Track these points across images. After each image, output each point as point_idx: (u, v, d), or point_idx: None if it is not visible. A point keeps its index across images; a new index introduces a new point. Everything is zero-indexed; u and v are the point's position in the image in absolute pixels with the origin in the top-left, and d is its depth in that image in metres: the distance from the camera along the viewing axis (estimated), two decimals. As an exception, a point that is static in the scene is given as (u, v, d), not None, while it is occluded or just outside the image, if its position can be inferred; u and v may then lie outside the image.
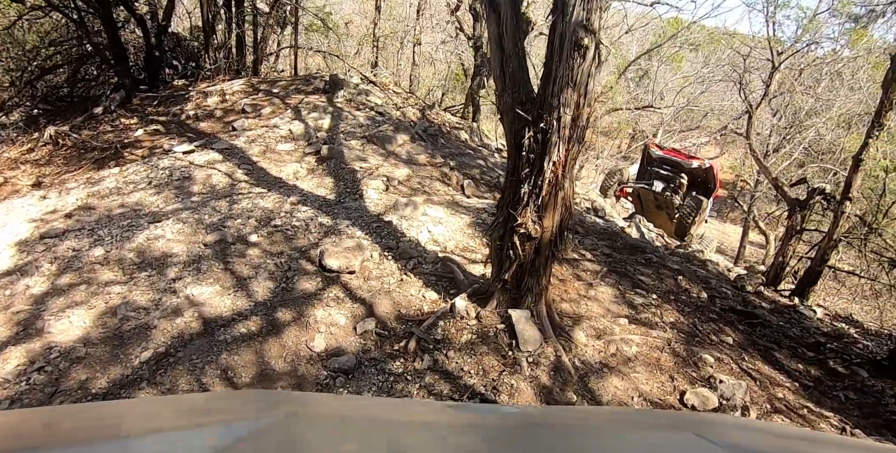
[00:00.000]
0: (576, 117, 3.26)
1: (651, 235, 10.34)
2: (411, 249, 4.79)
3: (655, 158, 10.30)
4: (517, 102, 3.43)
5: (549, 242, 3.56)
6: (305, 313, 4.00)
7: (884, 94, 7.81)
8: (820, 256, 8.62)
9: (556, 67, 3.21)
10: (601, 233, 7.08)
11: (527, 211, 3.47)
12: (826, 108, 15.40)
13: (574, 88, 3.19)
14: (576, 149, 3.38)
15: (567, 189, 3.47)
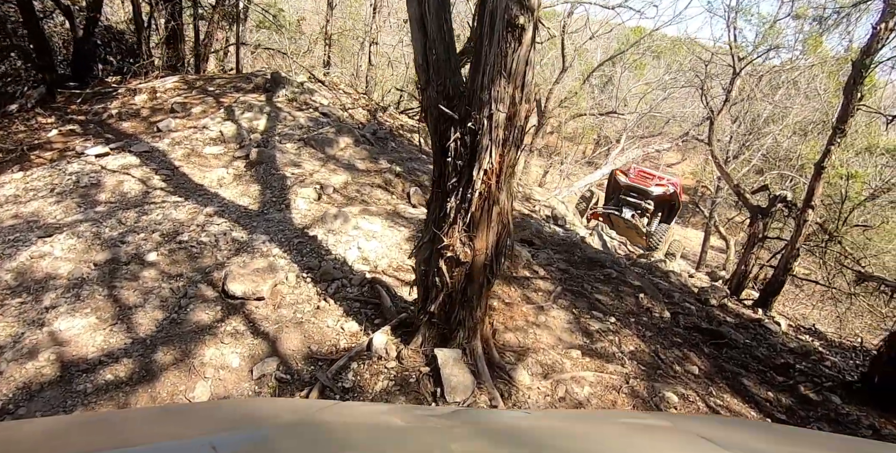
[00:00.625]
0: (512, 115, 2.56)
1: (613, 243, 9.79)
2: (335, 269, 4.02)
3: (622, 186, 10.57)
4: (442, 97, 2.72)
5: (482, 267, 2.85)
6: (192, 352, 3.20)
7: (846, 100, 7.38)
8: (783, 265, 8.17)
9: (485, 53, 2.50)
10: (559, 244, 6.44)
11: (454, 230, 2.75)
12: (783, 116, 15.21)
13: (508, 79, 2.49)
14: (513, 155, 2.68)
15: (503, 203, 2.77)
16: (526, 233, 6.47)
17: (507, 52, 2.44)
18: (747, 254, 9.05)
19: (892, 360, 4.26)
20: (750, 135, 15.27)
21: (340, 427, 0.95)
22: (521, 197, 8.95)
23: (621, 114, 18.02)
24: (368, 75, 11.16)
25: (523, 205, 8.12)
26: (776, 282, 8.23)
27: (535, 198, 9.36)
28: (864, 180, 10.50)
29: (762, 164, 16.15)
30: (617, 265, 6.55)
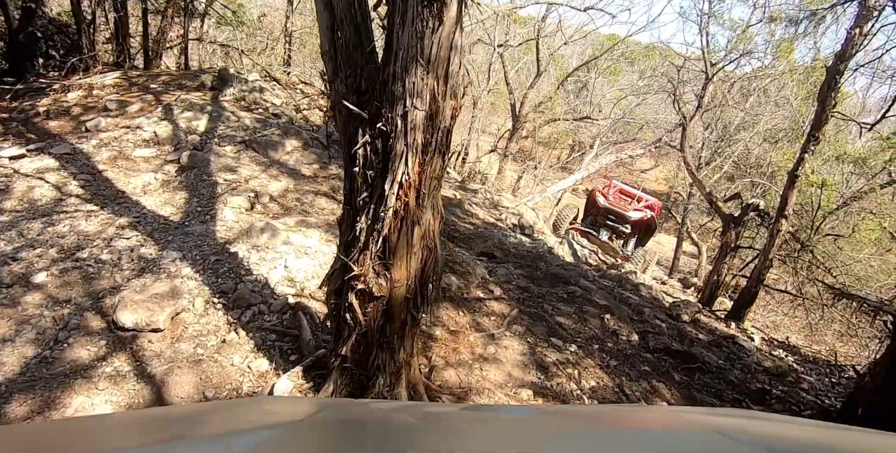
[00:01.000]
0: (433, 113, 1.99)
1: (584, 252, 9.31)
2: (253, 293, 3.40)
3: (602, 208, 10.42)
4: (352, 91, 2.14)
5: (404, 302, 2.28)
6: (55, 402, 2.56)
7: (820, 107, 7.01)
8: (756, 276, 7.76)
9: (397, 34, 1.93)
10: (523, 257, 5.90)
11: (366, 257, 2.17)
12: (754, 123, 14.98)
13: (427, 67, 1.92)
14: (437, 164, 2.11)
15: (428, 223, 2.19)
16: (487, 245, 5.92)
17: (423, 32, 1.87)
18: (719, 263, 8.64)
19: (878, 389, 3.80)
20: (721, 141, 15.00)
21: (355, 425, 0.94)
22: (489, 204, 8.41)
23: (595, 120, 17.68)
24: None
25: (489, 214, 7.58)
26: (749, 293, 7.82)
27: (504, 206, 8.83)
28: (834, 188, 10.23)
29: (733, 171, 15.91)
30: (585, 278, 6.04)
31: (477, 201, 8.02)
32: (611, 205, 10.50)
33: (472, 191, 8.53)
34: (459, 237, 6.00)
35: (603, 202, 10.56)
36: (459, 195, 7.44)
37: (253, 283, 3.51)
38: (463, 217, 6.71)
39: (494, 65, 20.54)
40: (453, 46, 1.94)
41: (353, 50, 2.13)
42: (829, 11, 5.90)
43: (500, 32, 17.19)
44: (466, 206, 7.14)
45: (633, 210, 10.57)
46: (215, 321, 3.21)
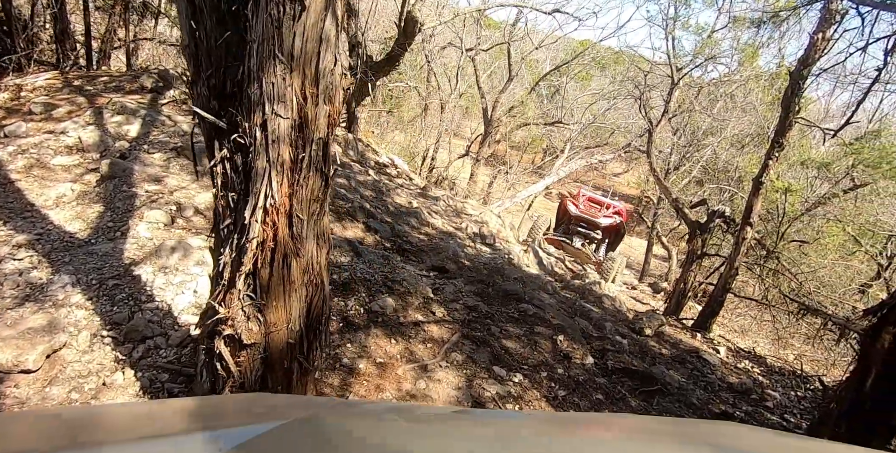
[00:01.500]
0: (302, 121, 1.58)
1: (550, 260, 8.97)
2: (150, 324, 2.94)
3: (573, 216, 10.77)
4: (214, 96, 1.71)
5: (286, 349, 1.85)
6: None
7: (784, 113, 6.78)
8: (721, 285, 7.51)
9: (252, 24, 1.51)
10: (478, 270, 5.51)
11: (233, 297, 1.74)
12: (721, 129, 14.88)
13: (289, 65, 1.51)
14: (316, 184, 1.69)
15: (311, 255, 1.78)
16: (441, 258, 5.52)
17: (281, 20, 1.46)
18: (686, 270, 8.39)
19: (844, 415, 3.50)
20: (690, 146, 14.87)
21: (348, 425, 0.92)
22: (451, 212, 8.02)
23: (567, 124, 17.46)
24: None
25: (449, 223, 7.19)
26: (715, 302, 7.57)
27: (468, 213, 8.45)
28: (799, 194, 10.09)
29: (702, 176, 15.80)
30: (545, 291, 5.69)
31: (437, 209, 7.62)
32: (581, 213, 10.80)
33: (434, 198, 8.13)
34: (411, 250, 5.59)
35: (574, 210, 10.87)
36: (417, 203, 7.03)
37: (153, 312, 3.05)
38: (417, 227, 6.30)
39: (466, 69, 20.23)
40: (324, 39, 1.52)
41: (215, 45, 1.70)
42: (791, 14, 5.65)
43: (471, 37, 16.88)
44: (424, 215, 6.73)
45: (603, 216, 10.88)
46: (101, 358, 2.74)
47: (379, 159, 9.07)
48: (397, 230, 5.91)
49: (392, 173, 8.81)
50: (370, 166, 8.12)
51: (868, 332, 3.42)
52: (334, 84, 1.60)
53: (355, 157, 8.01)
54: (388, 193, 6.83)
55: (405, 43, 8.97)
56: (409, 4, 8.31)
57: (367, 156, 8.75)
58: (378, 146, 10.38)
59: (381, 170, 8.41)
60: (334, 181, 1.78)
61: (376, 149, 9.69)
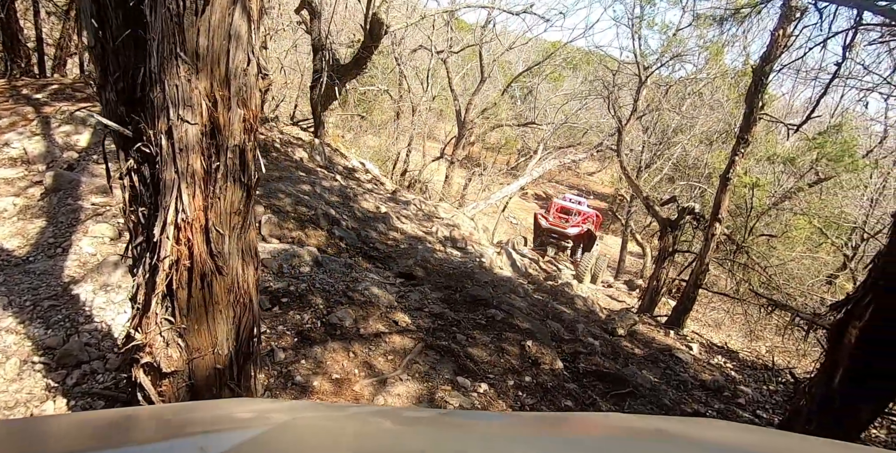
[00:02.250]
0: (214, 127, 1.43)
1: (524, 262, 8.90)
2: (87, 348, 2.74)
3: (545, 229, 11.86)
4: (122, 100, 1.55)
5: (214, 376, 1.70)
6: None
7: (748, 109, 6.82)
8: (693, 281, 7.52)
9: (151, 21, 1.36)
10: (448, 275, 5.39)
11: (150, 321, 1.58)
12: (690, 126, 15.07)
13: (195, 65, 1.36)
14: (237, 196, 1.55)
15: (236, 273, 1.63)
16: (408, 264, 5.38)
17: (182, 15, 1.31)
18: (658, 268, 8.40)
19: (815, 413, 3.47)
20: (660, 144, 15.03)
21: (333, 428, 0.91)
22: (422, 216, 7.89)
23: (539, 125, 17.49)
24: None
25: (419, 227, 7.05)
26: (687, 298, 7.58)
27: (439, 217, 8.33)
28: (766, 189, 10.23)
29: (673, 173, 15.97)
30: (516, 293, 5.59)
31: (408, 213, 7.48)
32: (551, 225, 11.94)
33: (404, 202, 7.99)
34: (377, 256, 5.44)
35: (545, 224, 12.02)
36: (386, 208, 6.88)
37: (91, 334, 2.84)
38: (385, 232, 6.15)
39: (439, 71, 20.13)
40: (233, 35, 1.38)
41: (122, 45, 1.54)
42: (752, 11, 5.67)
43: (442, 39, 16.81)
44: (393, 220, 6.58)
45: (570, 226, 12.01)
46: (30, 387, 2.53)
47: (348, 164, 8.89)
48: (364, 236, 5.75)
49: (361, 178, 8.64)
50: (338, 172, 7.94)
51: (834, 328, 3.39)
52: (249, 85, 1.45)
53: (322, 163, 7.82)
54: (356, 199, 6.67)
55: (371, 45, 8.82)
56: (374, 6, 8.16)
57: (335, 161, 8.57)
58: (348, 151, 10.20)
59: (349, 176, 8.24)
60: (256, 192, 1.63)
61: (346, 153, 9.51)
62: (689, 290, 7.50)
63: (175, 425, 0.91)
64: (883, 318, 3.16)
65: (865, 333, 3.22)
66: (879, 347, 3.18)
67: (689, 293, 7.49)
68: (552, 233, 11.86)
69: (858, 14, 4.12)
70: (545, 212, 13.05)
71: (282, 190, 5.72)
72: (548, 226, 11.90)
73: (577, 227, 11.91)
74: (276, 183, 5.99)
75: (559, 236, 11.88)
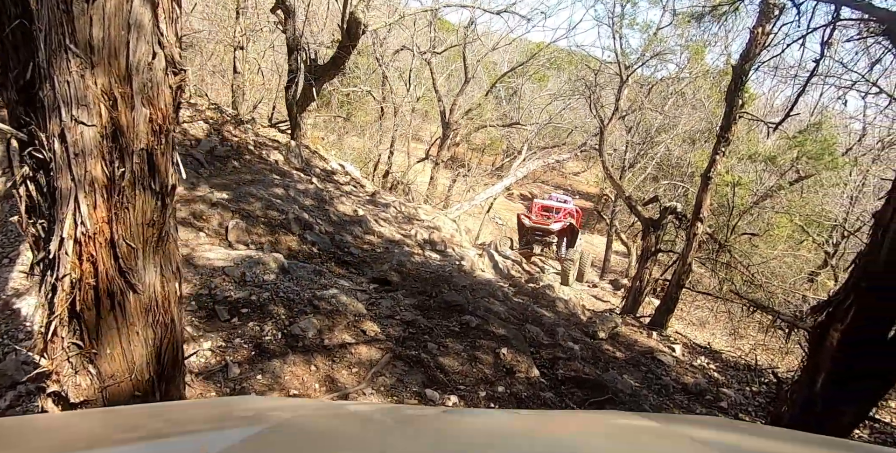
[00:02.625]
0: (116, 129, 1.27)
1: (507, 264, 8.78)
2: (25, 366, 2.55)
3: (528, 228, 12.10)
4: (22, 101, 1.38)
5: (132, 404, 1.52)
6: None
7: (728, 108, 6.76)
8: (675, 282, 7.45)
9: (37, 8, 1.20)
10: (424, 279, 5.24)
11: (55, 346, 1.41)
12: (673, 126, 15.08)
13: (89, 57, 1.20)
14: (149, 205, 1.38)
15: (154, 291, 1.46)
16: (384, 269, 5.22)
17: (70, 2, 1.15)
18: (641, 268, 8.32)
19: (795, 418, 3.38)
20: (644, 144, 15.01)
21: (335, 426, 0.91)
22: (402, 218, 7.73)
23: (524, 126, 17.41)
24: (235, 84, 9.58)
25: (397, 230, 6.90)
26: (670, 299, 7.50)
27: (420, 219, 8.18)
28: (748, 187, 10.22)
29: (657, 173, 15.98)
30: (495, 297, 5.46)
31: (387, 216, 7.32)
32: (534, 223, 12.09)
33: (384, 204, 7.83)
34: (352, 261, 5.27)
35: (528, 223, 12.16)
36: (364, 211, 6.71)
37: (30, 352, 2.65)
38: (361, 236, 5.98)
39: (423, 72, 20.00)
40: (133, 25, 1.22)
41: (21, 38, 1.37)
42: (731, 9, 5.60)
43: (425, 39, 16.69)
44: (370, 223, 6.42)
45: (554, 222, 12.13)
46: (-42, 411, 2.34)
47: (327, 166, 8.71)
48: (338, 240, 5.58)
49: (340, 180, 8.46)
50: (315, 174, 7.76)
51: (815, 331, 3.30)
52: (155, 81, 1.29)
53: (298, 165, 7.64)
54: (332, 202, 6.50)
55: (349, 45, 8.66)
56: (351, 5, 7.99)
57: (313, 163, 8.38)
58: (328, 153, 10.01)
59: (327, 178, 8.06)
60: (170, 201, 1.47)
61: (325, 155, 9.33)
62: (671, 291, 7.43)
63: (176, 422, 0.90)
64: (865, 318, 3.06)
65: (847, 335, 3.12)
66: (862, 348, 3.09)
67: (672, 293, 7.42)
68: (536, 230, 12.05)
69: (836, 9, 4.04)
70: (528, 213, 13.25)
71: (253, 194, 5.54)
72: (531, 224, 12.05)
73: (560, 222, 12.11)
74: (248, 186, 5.80)
75: (543, 233, 12.06)
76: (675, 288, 7.39)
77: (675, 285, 7.39)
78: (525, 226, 12.26)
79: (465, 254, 7.34)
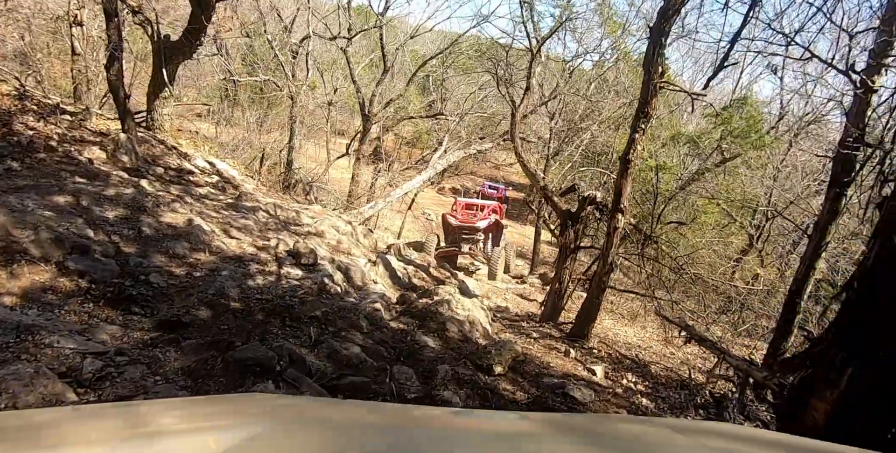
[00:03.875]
0: None
1: (408, 270, 7.25)
2: None
3: (455, 227, 11.63)
4: None
5: None
6: None
7: (647, 77, 5.47)
8: (596, 285, 6.15)
9: None
10: (250, 313, 3.61)
11: None
12: (598, 111, 13.99)
13: None
14: None
15: None
16: (189, 302, 3.56)
17: None
18: (560, 268, 7.00)
19: None
20: (569, 131, 13.83)
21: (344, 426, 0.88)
22: (272, 225, 6.03)
23: (447, 116, 15.93)
24: (74, 69, 7.52)
25: (251, 242, 5.21)
26: (591, 305, 6.20)
27: (301, 223, 6.51)
28: (672, 172, 9.18)
29: (582, 160, 14.89)
30: (357, 328, 3.91)
31: (245, 223, 5.61)
32: (461, 222, 11.63)
33: (248, 209, 6.10)
34: (145, 295, 3.56)
35: (454, 222, 11.69)
36: (204, 220, 4.98)
37: None
38: (183, 255, 4.27)
39: (340, 62, 18.14)
40: None
41: None
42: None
43: (336, 26, 14.87)
44: (207, 236, 4.70)
45: (479, 220, 11.76)
46: None
47: (184, 164, 6.85)
48: (134, 265, 3.85)
49: (199, 181, 6.64)
50: (154, 175, 5.92)
51: (789, 399, 1.94)
52: None
53: (131, 164, 5.78)
54: (155, 210, 4.73)
55: (202, 15, 6.82)
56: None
57: (161, 161, 6.52)
58: (198, 148, 8.12)
59: (176, 179, 6.23)
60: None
61: (188, 151, 7.45)
62: (592, 295, 6.13)
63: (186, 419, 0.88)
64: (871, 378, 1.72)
65: (844, 408, 1.77)
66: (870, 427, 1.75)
67: (594, 298, 6.12)
68: (463, 229, 11.69)
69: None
70: (452, 211, 12.76)
71: (9, 204, 3.71)
72: (458, 223, 11.70)
73: (486, 220, 11.89)
74: (10, 195, 3.96)
75: (470, 231, 11.69)
76: (596, 291, 6.09)
77: (596, 287, 6.09)
78: (452, 226, 11.83)
79: (350, 265, 5.75)
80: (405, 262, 7.26)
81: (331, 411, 1.04)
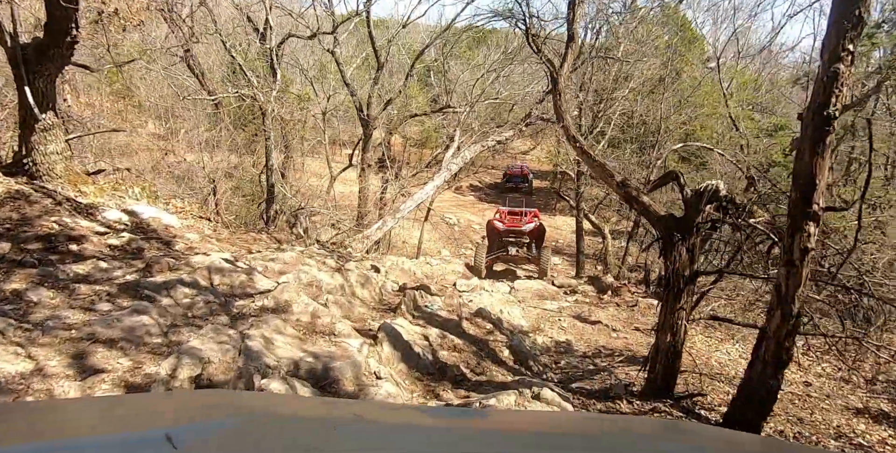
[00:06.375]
0: None
1: (430, 339, 4.35)
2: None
3: (501, 231, 11.36)
4: None
5: None
6: None
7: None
8: (773, 354, 3.16)
9: None
10: None
11: None
12: (630, 77, 10.76)
13: None
14: None
15: None
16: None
17: None
18: (668, 311, 3.98)
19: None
20: (604, 102, 10.69)
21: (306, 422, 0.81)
22: (203, 310, 3.24)
23: (455, 109, 12.93)
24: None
25: (132, 362, 2.42)
26: (759, 386, 3.20)
27: (257, 289, 3.72)
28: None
29: (620, 135, 11.68)
30: None
31: (134, 325, 2.82)
32: (508, 226, 11.37)
33: (159, 286, 3.31)
34: None
35: (501, 226, 11.41)
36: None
37: None
38: None
39: (329, 66, 15.24)
40: None
41: None
42: None
43: (314, 23, 12.03)
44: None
45: (525, 224, 11.43)
46: None
47: (78, 223, 4.11)
48: None
49: (85, 250, 3.89)
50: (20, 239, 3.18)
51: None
52: None
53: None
54: None
55: (62, 4, 4.03)
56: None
57: (35, 224, 3.80)
58: (124, 193, 5.37)
59: (39, 256, 3.48)
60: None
61: (97, 201, 4.72)
62: (765, 371, 3.11)
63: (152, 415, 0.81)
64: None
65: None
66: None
67: (767, 377, 3.10)
68: (510, 233, 11.31)
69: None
70: (498, 217, 12.10)
71: None
72: (506, 228, 11.33)
73: (532, 223, 11.53)
74: None
75: (517, 235, 11.30)
76: (772, 361, 3.07)
77: (772, 357, 3.06)
78: (499, 230, 11.38)
79: (330, 364, 2.92)
80: (425, 321, 4.38)
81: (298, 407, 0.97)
